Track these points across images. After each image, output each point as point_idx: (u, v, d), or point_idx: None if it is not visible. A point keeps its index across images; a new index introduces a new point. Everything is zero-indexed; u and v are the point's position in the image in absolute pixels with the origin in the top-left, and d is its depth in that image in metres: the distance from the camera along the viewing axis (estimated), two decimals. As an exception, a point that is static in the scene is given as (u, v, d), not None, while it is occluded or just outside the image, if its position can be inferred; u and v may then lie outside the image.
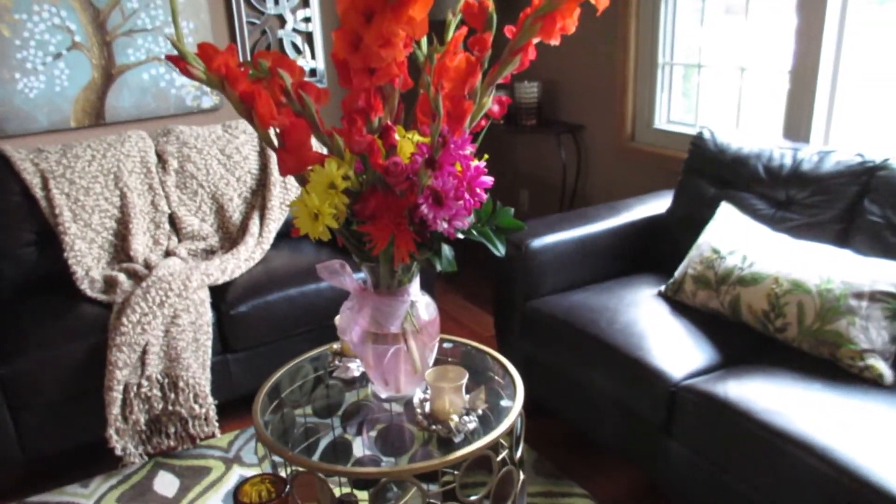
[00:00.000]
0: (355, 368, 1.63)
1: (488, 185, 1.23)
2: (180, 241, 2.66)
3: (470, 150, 1.21)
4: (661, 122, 2.91)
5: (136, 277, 2.38)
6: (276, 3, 3.09)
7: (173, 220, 2.67)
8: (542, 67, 3.24)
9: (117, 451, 2.13)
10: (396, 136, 1.21)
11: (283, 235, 2.77)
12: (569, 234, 2.26)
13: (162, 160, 2.69)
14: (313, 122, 1.20)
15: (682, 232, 2.26)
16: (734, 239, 1.98)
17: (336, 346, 1.71)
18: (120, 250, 2.54)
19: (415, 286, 1.37)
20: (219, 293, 2.36)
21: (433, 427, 1.39)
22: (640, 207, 2.45)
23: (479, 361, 1.67)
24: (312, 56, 3.25)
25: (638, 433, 1.86)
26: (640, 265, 2.38)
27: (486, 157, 1.27)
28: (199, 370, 2.22)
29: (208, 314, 2.28)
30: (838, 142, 2.31)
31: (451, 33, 1.25)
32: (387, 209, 1.20)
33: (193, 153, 2.71)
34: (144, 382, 2.14)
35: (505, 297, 2.29)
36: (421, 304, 1.40)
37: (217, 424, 2.25)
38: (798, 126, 2.35)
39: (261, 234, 2.67)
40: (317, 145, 1.29)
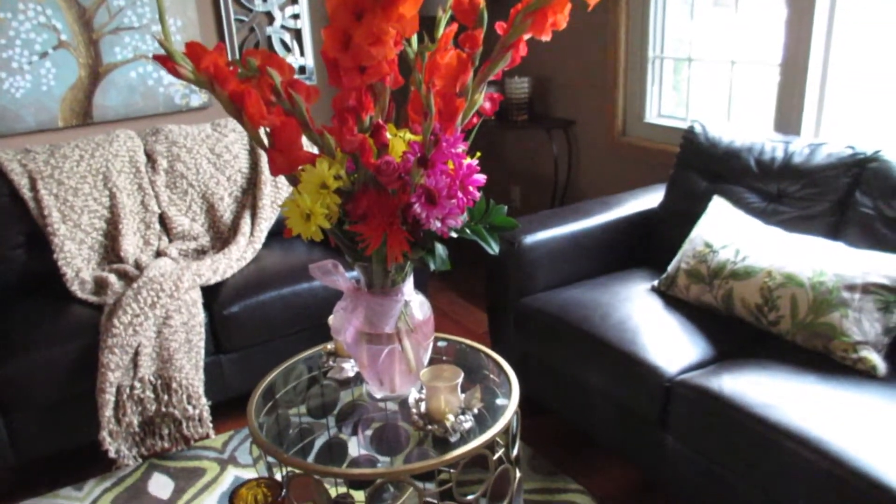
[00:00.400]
0: (349, 369, 1.63)
1: (481, 183, 1.23)
2: (171, 241, 2.64)
3: (462, 148, 1.20)
4: (652, 116, 2.90)
5: (126, 278, 2.36)
6: (265, 0, 3.07)
7: (163, 220, 2.65)
8: (533, 62, 3.23)
9: (111, 454, 2.11)
10: (388, 135, 1.20)
11: (275, 234, 2.75)
12: (561, 230, 2.25)
13: (151, 160, 2.67)
14: (304, 120, 1.19)
15: (675, 226, 2.26)
16: (727, 233, 1.98)
17: (330, 347, 1.70)
18: (110, 251, 2.52)
19: (408, 285, 1.37)
20: (211, 293, 2.35)
21: (429, 427, 1.39)
22: (633, 202, 2.45)
23: (473, 360, 1.66)
24: (301, 53, 3.23)
25: (633, 428, 1.86)
26: (632, 260, 2.38)
27: (478, 154, 1.27)
28: (192, 371, 2.20)
29: (200, 315, 2.27)
30: (829, 134, 2.31)
31: (441, 30, 1.24)
32: (379, 208, 1.19)
33: (183, 152, 2.69)
34: (137, 384, 2.12)
35: (498, 294, 2.29)
36: (415, 303, 1.39)
37: (211, 425, 2.24)
38: (789, 119, 2.36)
39: (252, 234, 2.65)
40: (307, 144, 1.27)
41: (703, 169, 2.29)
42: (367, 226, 1.19)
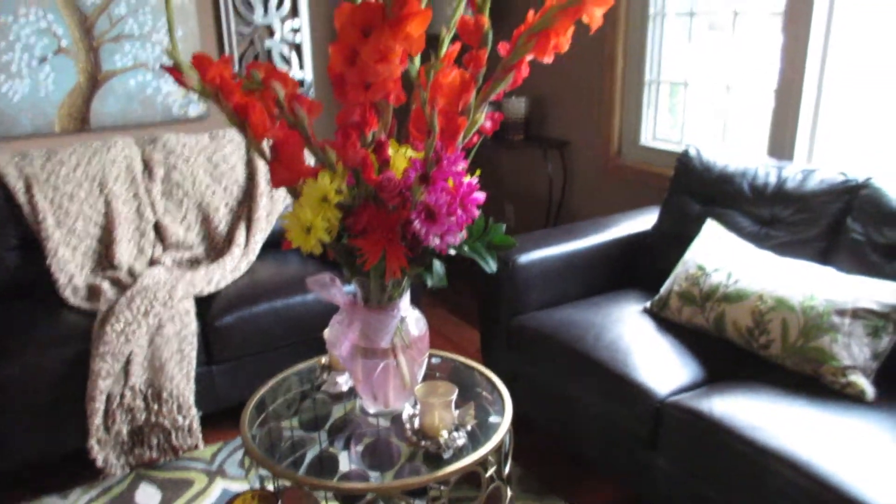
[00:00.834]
0: (343, 382, 1.63)
1: (481, 201, 1.24)
2: (165, 250, 2.64)
3: (463, 166, 1.21)
4: (647, 139, 2.93)
5: (120, 286, 2.36)
6: (266, 13, 3.09)
7: (158, 229, 2.64)
8: (530, 83, 3.23)
9: (98, 463, 2.10)
10: (390, 152, 1.21)
11: (270, 246, 2.75)
12: (555, 250, 2.26)
13: (148, 168, 2.67)
14: (306, 134, 1.20)
15: (668, 248, 2.28)
16: (719, 256, 2.00)
17: (324, 360, 1.70)
18: (104, 258, 2.51)
19: (405, 301, 1.37)
20: (204, 303, 2.34)
21: (423, 443, 1.39)
22: (627, 224, 2.47)
23: (467, 377, 1.66)
24: (301, 67, 3.25)
25: (623, 449, 1.87)
26: (625, 281, 2.40)
27: (478, 172, 1.28)
28: (182, 381, 2.19)
29: (193, 324, 2.26)
30: (821, 160, 2.34)
31: (444, 49, 1.25)
32: (379, 224, 1.20)
33: (180, 162, 2.69)
34: (127, 393, 2.11)
35: (491, 313, 2.30)
36: (411, 318, 1.40)
37: (200, 436, 2.23)
38: (782, 144, 2.39)
39: (247, 245, 2.65)
40: (307, 157, 1.28)
41: (696, 192, 2.31)
42: (367, 241, 1.20)
